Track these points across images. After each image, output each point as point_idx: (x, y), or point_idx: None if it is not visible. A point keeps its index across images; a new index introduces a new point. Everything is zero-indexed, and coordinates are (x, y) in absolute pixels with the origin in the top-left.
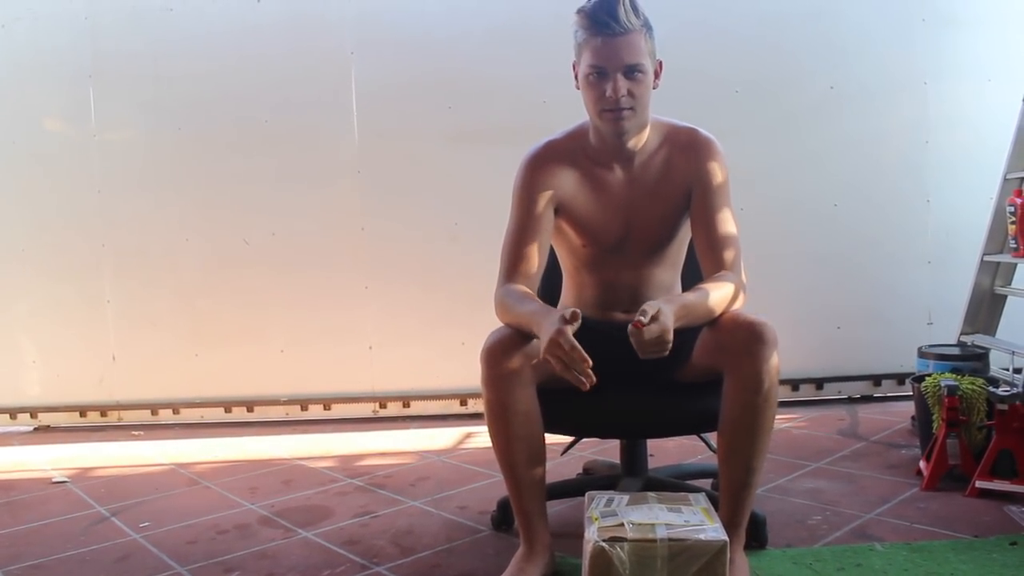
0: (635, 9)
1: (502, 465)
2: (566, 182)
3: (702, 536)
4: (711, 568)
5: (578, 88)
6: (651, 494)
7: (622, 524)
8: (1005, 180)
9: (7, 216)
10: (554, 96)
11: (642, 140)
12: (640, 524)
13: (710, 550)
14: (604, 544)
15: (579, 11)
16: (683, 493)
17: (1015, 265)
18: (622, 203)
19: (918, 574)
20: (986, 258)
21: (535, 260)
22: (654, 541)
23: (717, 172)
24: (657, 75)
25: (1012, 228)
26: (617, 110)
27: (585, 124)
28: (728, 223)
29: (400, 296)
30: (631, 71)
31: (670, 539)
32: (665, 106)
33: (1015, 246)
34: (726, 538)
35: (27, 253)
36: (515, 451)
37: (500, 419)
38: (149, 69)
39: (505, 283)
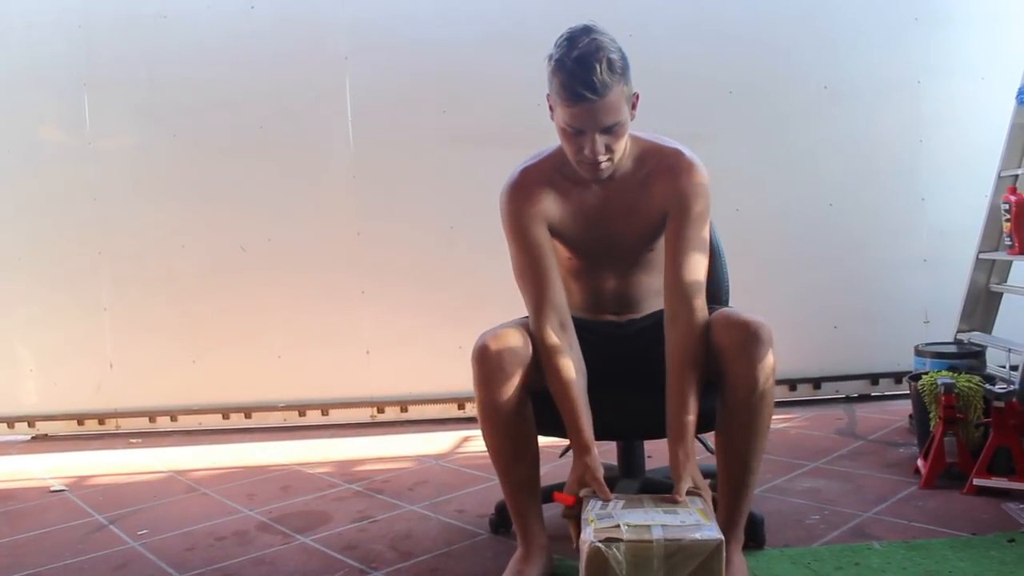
0: (611, 67)
1: (496, 466)
2: (548, 203)
3: (698, 536)
4: (708, 567)
5: (553, 121)
6: (646, 496)
7: (618, 525)
8: (999, 178)
9: (3, 225)
10: (547, 105)
11: (619, 161)
12: (636, 525)
13: (706, 549)
14: (600, 545)
15: (554, 71)
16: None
17: (1010, 263)
18: (600, 219)
19: (916, 572)
20: (981, 256)
21: (556, 284)
22: (650, 542)
23: (695, 198)
24: (634, 107)
25: (1007, 226)
26: (595, 163)
27: (560, 147)
28: (697, 252)
29: (397, 300)
30: (608, 129)
31: (666, 539)
32: (660, 109)
33: (1010, 243)
34: (722, 537)
35: (23, 262)
36: (508, 452)
37: (492, 420)
38: (144, 76)
39: (541, 320)
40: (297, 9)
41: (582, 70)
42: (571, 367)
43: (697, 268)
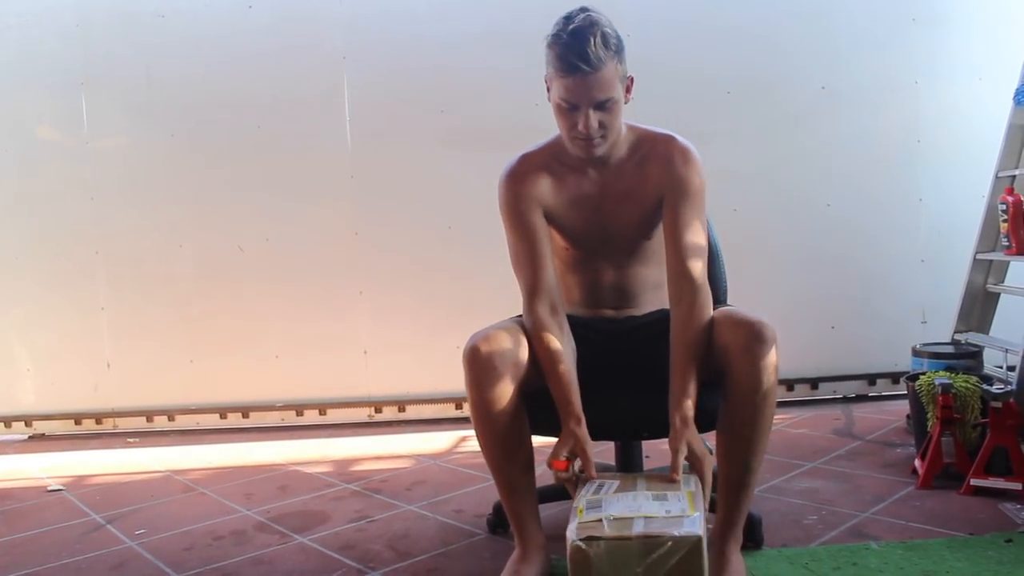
0: (606, 42)
1: (490, 466)
2: (545, 189)
3: (676, 532)
4: (687, 562)
5: (550, 102)
6: (641, 476)
7: (600, 520)
8: (997, 178)
9: (0, 224)
10: (546, 99)
11: (615, 146)
12: (619, 519)
13: (684, 546)
14: (581, 543)
15: (551, 45)
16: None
17: (1008, 263)
18: (596, 206)
19: (914, 573)
20: (979, 256)
21: (550, 269)
22: (629, 538)
23: (690, 181)
24: (628, 90)
25: (1004, 226)
26: (588, 139)
27: (558, 136)
28: (696, 233)
29: (394, 300)
30: (602, 105)
31: (645, 535)
32: (659, 107)
33: (1007, 244)
34: (700, 533)
35: (21, 261)
36: (502, 452)
37: (485, 420)
38: (141, 75)
39: (533, 302)
40: (295, 8)
41: (577, 42)
42: (560, 343)
43: (697, 249)
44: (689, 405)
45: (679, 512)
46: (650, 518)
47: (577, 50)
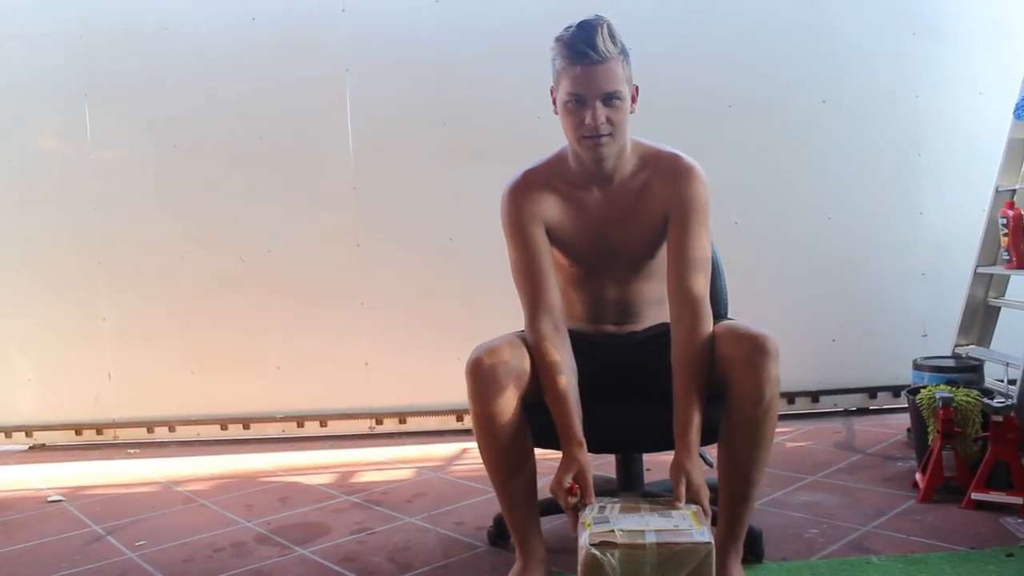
0: (613, 37)
1: (492, 479)
2: (548, 206)
3: (689, 541)
4: (699, 572)
5: (556, 113)
6: (643, 499)
7: (613, 531)
8: (997, 192)
9: (3, 234)
10: (548, 111)
11: (620, 162)
12: (630, 531)
13: (698, 554)
14: (596, 551)
15: (558, 39)
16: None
17: (1008, 277)
18: (600, 223)
19: None
20: (979, 270)
21: (552, 285)
22: (643, 546)
23: (695, 198)
24: (634, 99)
25: (1005, 240)
26: (596, 136)
27: (563, 150)
28: (700, 251)
29: (396, 312)
30: (609, 99)
31: (658, 544)
32: (659, 121)
33: (1008, 258)
34: (712, 542)
35: (23, 271)
36: (504, 465)
37: (487, 433)
38: (145, 87)
39: (535, 320)
40: (298, 21)
41: (585, 32)
42: (562, 363)
43: (700, 267)
44: (693, 436)
45: (687, 527)
46: (660, 530)
47: (585, 39)
